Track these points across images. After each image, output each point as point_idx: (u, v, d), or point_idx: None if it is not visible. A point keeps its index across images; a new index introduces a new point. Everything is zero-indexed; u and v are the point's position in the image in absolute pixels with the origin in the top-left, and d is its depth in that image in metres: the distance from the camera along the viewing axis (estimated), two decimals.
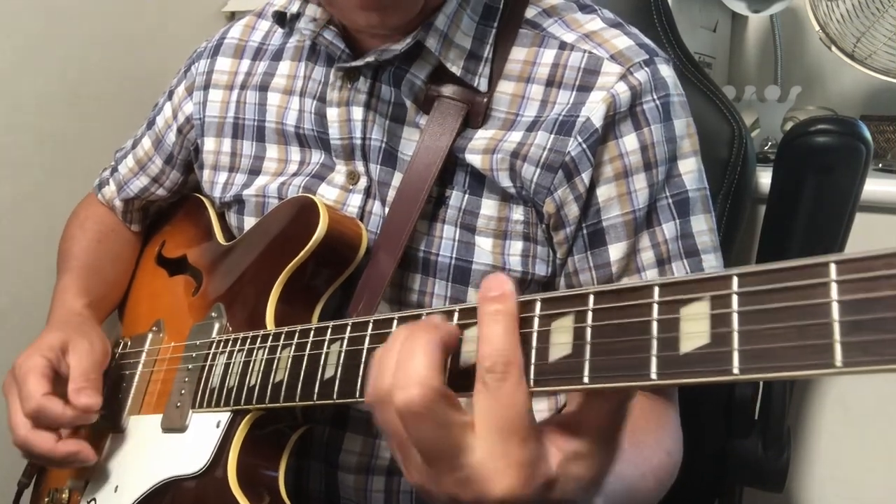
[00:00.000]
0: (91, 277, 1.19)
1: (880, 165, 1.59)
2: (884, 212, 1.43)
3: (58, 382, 1.00)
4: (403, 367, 0.54)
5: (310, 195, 0.95)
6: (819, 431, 1.49)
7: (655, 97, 0.89)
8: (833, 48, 1.56)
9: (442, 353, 0.55)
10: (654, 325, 0.48)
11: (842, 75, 1.82)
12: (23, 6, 1.49)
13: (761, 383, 1.32)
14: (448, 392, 0.54)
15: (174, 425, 0.95)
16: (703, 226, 0.92)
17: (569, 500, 0.56)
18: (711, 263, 0.91)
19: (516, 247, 0.93)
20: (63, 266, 1.22)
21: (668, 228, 0.90)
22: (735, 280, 0.45)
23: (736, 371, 0.43)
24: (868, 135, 1.13)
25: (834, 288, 0.40)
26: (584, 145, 0.87)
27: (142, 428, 1.01)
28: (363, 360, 0.68)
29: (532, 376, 0.54)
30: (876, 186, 1.41)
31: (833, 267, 0.41)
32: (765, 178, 1.35)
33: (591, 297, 0.52)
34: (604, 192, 0.89)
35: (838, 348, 0.40)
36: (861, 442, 1.46)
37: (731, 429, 1.31)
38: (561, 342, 0.53)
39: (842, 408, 1.46)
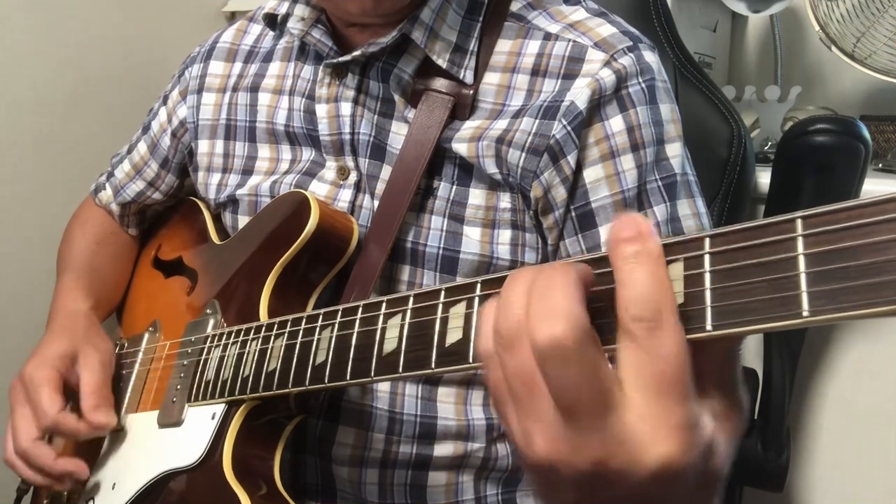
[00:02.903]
0: (92, 278, 1.20)
1: (880, 165, 1.59)
2: None
3: (67, 393, 1.02)
4: (542, 299, 0.46)
5: (301, 190, 0.97)
6: (819, 431, 1.48)
7: (641, 80, 0.90)
8: (833, 48, 1.56)
9: (583, 289, 0.47)
10: None
11: (842, 75, 1.82)
12: (22, 6, 1.49)
13: (760, 383, 1.32)
14: (595, 335, 0.46)
15: (170, 420, 0.95)
16: (686, 210, 0.93)
17: (720, 469, 0.49)
18: None
19: (504, 235, 0.93)
20: (63, 267, 1.23)
21: (660, 211, 0.91)
22: (707, 241, 0.45)
23: (709, 328, 0.44)
24: (867, 134, 1.13)
25: (800, 242, 0.41)
26: (569, 128, 0.88)
27: (139, 425, 1.01)
28: (353, 343, 0.68)
29: None
30: (875, 186, 1.40)
31: (799, 222, 0.41)
32: (764, 177, 1.36)
33: None
34: (591, 174, 0.90)
35: (805, 298, 0.40)
36: (861, 442, 1.45)
37: None
38: None
39: (842, 408, 1.46)
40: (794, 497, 1.52)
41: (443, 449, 0.97)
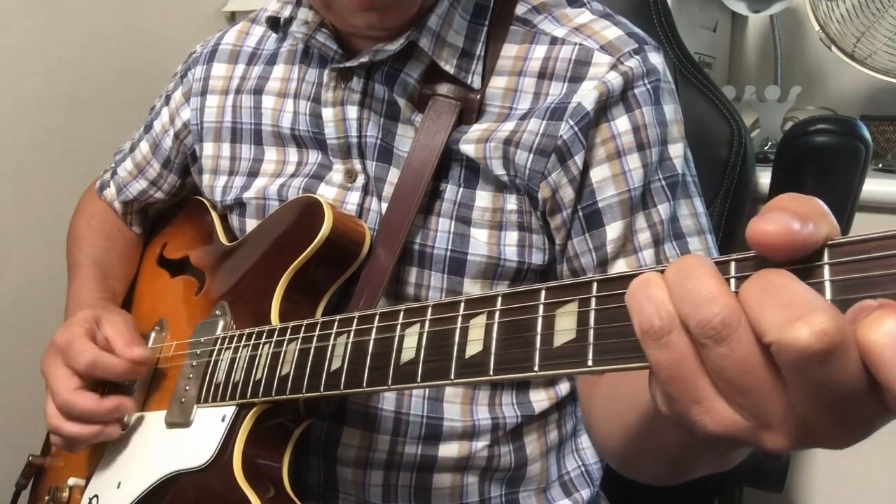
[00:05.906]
0: (105, 275, 1.20)
1: (880, 165, 1.60)
2: (883, 212, 1.44)
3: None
4: (780, 298, 0.40)
5: (314, 195, 0.96)
6: None
7: (646, 82, 0.91)
8: (833, 48, 1.57)
9: None
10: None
11: (842, 75, 1.83)
12: (23, 6, 1.49)
13: None
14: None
15: (178, 420, 0.95)
16: (684, 210, 0.93)
17: None
18: (696, 247, 0.93)
19: (511, 237, 0.94)
20: (75, 264, 1.22)
21: (664, 209, 0.91)
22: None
23: None
24: (867, 134, 1.13)
25: (826, 270, 0.42)
26: (576, 128, 0.88)
27: (144, 425, 1.01)
28: (370, 351, 0.68)
29: (538, 361, 0.54)
30: (875, 186, 1.41)
31: (826, 251, 0.42)
32: (764, 178, 1.36)
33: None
34: (598, 174, 0.90)
35: None
36: (861, 442, 1.46)
37: None
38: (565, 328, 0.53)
39: None
40: (794, 497, 1.52)
41: (447, 450, 0.97)
